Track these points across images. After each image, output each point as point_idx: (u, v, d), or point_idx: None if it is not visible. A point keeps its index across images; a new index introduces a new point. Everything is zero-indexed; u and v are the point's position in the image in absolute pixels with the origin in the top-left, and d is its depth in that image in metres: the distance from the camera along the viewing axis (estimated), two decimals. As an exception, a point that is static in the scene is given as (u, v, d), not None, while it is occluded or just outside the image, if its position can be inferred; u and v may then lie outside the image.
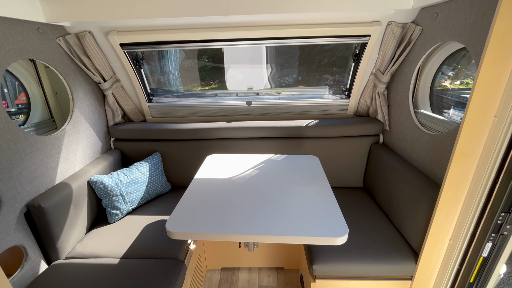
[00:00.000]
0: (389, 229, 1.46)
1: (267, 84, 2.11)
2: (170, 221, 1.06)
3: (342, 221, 1.02)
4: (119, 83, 1.86)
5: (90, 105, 1.73)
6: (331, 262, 1.28)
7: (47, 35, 1.40)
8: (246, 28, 1.56)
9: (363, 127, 1.84)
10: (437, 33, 1.29)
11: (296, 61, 2.05)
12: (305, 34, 1.59)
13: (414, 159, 1.49)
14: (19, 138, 1.23)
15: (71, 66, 1.58)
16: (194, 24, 1.56)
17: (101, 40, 1.62)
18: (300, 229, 0.99)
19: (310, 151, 1.89)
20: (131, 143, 1.94)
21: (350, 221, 1.54)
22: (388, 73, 1.64)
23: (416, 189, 1.31)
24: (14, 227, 1.19)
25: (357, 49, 1.76)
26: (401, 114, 1.64)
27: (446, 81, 1.54)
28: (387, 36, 1.54)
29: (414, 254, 1.29)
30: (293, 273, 1.83)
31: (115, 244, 1.42)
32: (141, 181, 1.71)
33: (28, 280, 1.24)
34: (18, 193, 1.21)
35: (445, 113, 1.49)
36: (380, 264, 1.27)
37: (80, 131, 1.63)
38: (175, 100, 2.09)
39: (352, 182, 1.96)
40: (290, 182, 1.36)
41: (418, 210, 1.27)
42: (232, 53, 2.00)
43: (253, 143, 1.90)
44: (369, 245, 1.35)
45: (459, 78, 1.49)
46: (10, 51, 1.20)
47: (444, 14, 1.23)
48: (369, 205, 1.71)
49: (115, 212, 1.59)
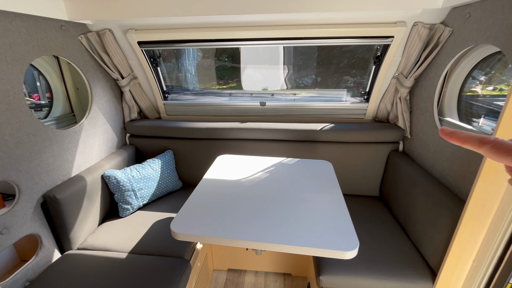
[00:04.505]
0: (405, 243, 1.37)
1: (283, 85, 2.07)
2: (175, 221, 1.05)
3: (353, 234, 0.96)
4: (136, 80, 1.90)
5: (108, 101, 1.77)
6: (339, 274, 1.22)
7: (69, 33, 1.45)
8: (263, 27, 1.53)
9: (382, 133, 1.74)
10: (469, 35, 1.19)
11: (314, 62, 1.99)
12: (324, 35, 1.53)
13: (437, 170, 1.39)
14: (39, 131, 1.28)
15: (91, 63, 1.63)
16: (211, 23, 1.55)
17: (120, 38, 1.65)
18: (307, 239, 0.95)
19: (324, 156, 1.82)
20: (146, 139, 1.97)
21: (362, 232, 1.46)
22: (411, 77, 1.54)
23: (437, 202, 1.22)
24: (31, 216, 1.24)
25: (379, 51, 1.67)
26: (424, 122, 1.53)
27: (477, 86, 1.42)
28: (412, 38, 1.44)
29: (432, 274, 1.20)
30: (301, 280, 1.78)
31: (124, 239, 1.44)
32: (153, 177, 1.74)
33: (42, 268, 1.29)
34: (36, 184, 1.26)
35: (474, 122, 1.37)
36: (393, 280, 1.19)
37: (97, 126, 1.68)
38: (190, 99, 2.11)
39: (368, 190, 1.87)
40: (300, 187, 1.31)
41: (438, 226, 1.18)
42: (249, 53, 1.98)
43: (265, 145, 1.86)
44: (381, 259, 1.27)
45: (492, 83, 1.36)
46: (34, 47, 1.25)
47: (478, 14, 1.13)
48: (384, 216, 1.62)
49: (126, 207, 1.62)
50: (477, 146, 0.25)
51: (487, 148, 0.24)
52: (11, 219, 1.16)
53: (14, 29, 1.16)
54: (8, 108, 1.14)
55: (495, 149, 0.24)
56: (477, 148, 0.25)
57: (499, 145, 0.24)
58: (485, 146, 0.24)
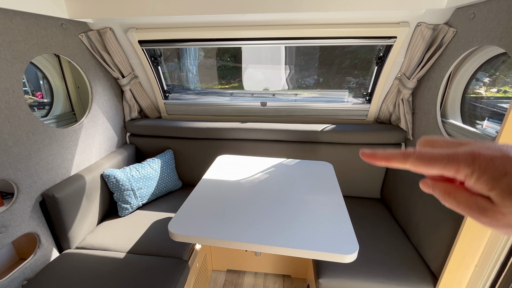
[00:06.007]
0: (406, 246, 1.36)
1: (284, 85, 2.06)
2: (173, 222, 1.04)
3: (352, 237, 0.95)
4: (137, 79, 1.90)
5: (108, 100, 1.77)
6: (339, 277, 1.20)
7: (70, 31, 1.45)
8: (265, 27, 1.52)
9: (384, 135, 1.73)
10: (474, 36, 1.17)
11: (316, 62, 1.97)
12: (327, 35, 1.52)
13: None
14: (38, 130, 1.27)
15: (92, 61, 1.62)
16: (212, 22, 1.54)
17: (121, 36, 1.65)
18: (306, 241, 0.93)
19: (325, 157, 1.81)
20: (146, 138, 1.97)
21: (363, 234, 1.44)
22: (414, 78, 1.52)
23: (439, 206, 1.20)
24: (29, 214, 1.24)
25: (381, 52, 1.65)
26: (426, 123, 1.51)
27: (481, 88, 1.40)
28: (416, 38, 1.42)
29: (433, 278, 1.18)
30: (300, 282, 1.77)
31: (123, 238, 1.44)
32: (152, 177, 1.73)
33: (40, 266, 1.29)
34: (35, 183, 1.26)
35: (478, 124, 1.35)
36: (393, 284, 1.17)
37: (97, 125, 1.68)
38: (190, 98, 2.10)
39: (369, 192, 1.85)
40: (300, 189, 1.30)
41: (440, 229, 1.16)
42: (250, 52, 1.97)
43: (266, 146, 1.85)
44: (382, 263, 1.25)
45: (496, 85, 1.34)
46: (34, 46, 1.25)
47: (483, 15, 1.11)
48: (385, 218, 1.60)
49: (125, 206, 1.61)
50: (402, 160, 0.24)
51: (412, 160, 0.23)
52: (9, 218, 1.15)
53: (14, 27, 1.15)
54: (7, 106, 1.13)
55: (420, 159, 0.23)
56: (402, 162, 0.24)
57: (422, 154, 0.23)
58: (410, 159, 0.24)
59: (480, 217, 0.22)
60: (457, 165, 0.21)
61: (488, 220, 0.21)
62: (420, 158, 0.23)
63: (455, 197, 0.23)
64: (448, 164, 0.22)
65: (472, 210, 0.22)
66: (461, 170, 0.21)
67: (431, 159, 0.23)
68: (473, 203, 0.22)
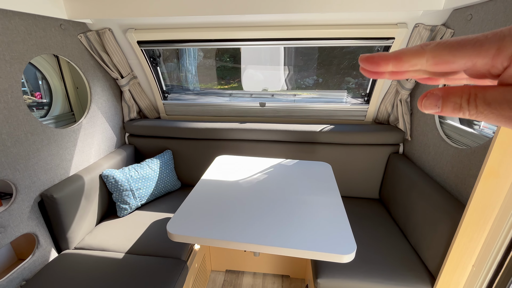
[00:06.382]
0: (404, 247, 1.36)
1: (283, 85, 2.06)
2: (171, 222, 1.04)
3: (350, 237, 0.95)
4: (136, 80, 1.90)
5: (107, 100, 1.77)
6: (337, 277, 1.20)
7: (69, 32, 1.45)
8: (264, 28, 1.52)
9: (382, 136, 1.73)
10: None
11: (315, 63, 1.98)
12: (325, 36, 1.52)
13: (437, 173, 1.38)
14: (37, 130, 1.27)
15: (91, 62, 1.62)
16: (211, 23, 1.54)
17: (120, 37, 1.65)
18: (304, 241, 0.94)
19: (323, 157, 1.81)
20: (145, 139, 1.97)
21: (361, 234, 1.45)
22: (412, 79, 1.53)
23: (437, 206, 1.21)
24: (28, 215, 1.24)
25: (380, 52, 1.66)
26: (424, 124, 1.52)
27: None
28: (413, 39, 1.43)
29: (431, 278, 1.18)
30: (299, 282, 1.77)
31: (122, 239, 1.44)
32: (151, 177, 1.73)
33: (39, 267, 1.29)
34: (33, 183, 1.26)
35: (476, 125, 1.36)
36: (391, 284, 1.18)
37: (96, 125, 1.68)
38: (189, 98, 2.10)
39: (367, 192, 1.85)
40: (298, 189, 1.30)
41: (438, 230, 1.17)
42: (249, 53, 1.97)
43: (264, 146, 1.85)
44: (380, 263, 1.26)
45: (493, 87, 1.35)
46: (33, 46, 1.25)
47: (480, 16, 1.12)
48: (383, 219, 1.60)
49: (124, 207, 1.61)
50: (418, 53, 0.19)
51: (432, 47, 0.19)
52: (8, 218, 1.15)
53: (13, 28, 1.16)
54: (6, 106, 1.13)
55: (443, 44, 0.18)
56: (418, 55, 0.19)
57: (446, 40, 0.19)
58: (429, 47, 0.19)
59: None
60: (499, 41, 0.16)
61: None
62: (443, 44, 0.18)
63: (484, 98, 0.17)
64: (486, 43, 0.17)
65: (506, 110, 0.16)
66: (506, 47, 0.16)
67: (458, 43, 0.18)
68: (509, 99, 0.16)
